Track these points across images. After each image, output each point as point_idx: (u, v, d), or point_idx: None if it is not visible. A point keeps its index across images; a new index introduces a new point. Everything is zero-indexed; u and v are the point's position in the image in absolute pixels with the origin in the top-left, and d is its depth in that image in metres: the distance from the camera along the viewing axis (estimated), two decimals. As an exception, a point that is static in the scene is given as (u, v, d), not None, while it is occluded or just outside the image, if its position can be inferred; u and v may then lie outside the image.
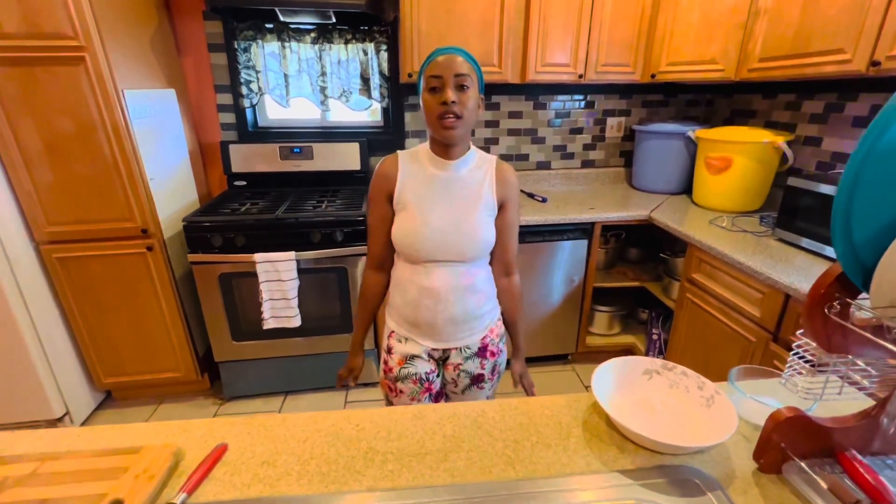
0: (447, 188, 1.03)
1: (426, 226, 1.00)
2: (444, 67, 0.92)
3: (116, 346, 1.99)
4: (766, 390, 0.78)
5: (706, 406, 0.72)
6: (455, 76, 0.92)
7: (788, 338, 1.36)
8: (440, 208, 1.01)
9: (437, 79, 0.93)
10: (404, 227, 1.02)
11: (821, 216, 1.49)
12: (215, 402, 2.17)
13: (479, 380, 1.16)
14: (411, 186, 1.03)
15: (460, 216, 1.02)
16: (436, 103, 0.93)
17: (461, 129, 0.95)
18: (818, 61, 1.55)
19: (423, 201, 1.02)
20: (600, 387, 0.76)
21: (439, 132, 0.96)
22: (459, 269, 1.04)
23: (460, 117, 0.94)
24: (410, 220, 1.01)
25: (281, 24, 2.17)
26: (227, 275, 1.92)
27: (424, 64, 0.97)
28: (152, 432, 0.74)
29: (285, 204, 2.05)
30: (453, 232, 1.01)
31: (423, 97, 0.96)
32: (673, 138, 2.31)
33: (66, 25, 1.51)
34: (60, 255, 1.80)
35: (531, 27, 2.01)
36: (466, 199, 1.03)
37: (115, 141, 1.68)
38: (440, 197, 1.02)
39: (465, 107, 0.94)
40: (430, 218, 1.01)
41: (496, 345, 1.17)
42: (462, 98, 0.93)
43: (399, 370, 1.11)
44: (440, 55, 0.94)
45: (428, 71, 0.94)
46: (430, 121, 0.96)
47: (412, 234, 1.00)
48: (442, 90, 0.93)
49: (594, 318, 2.41)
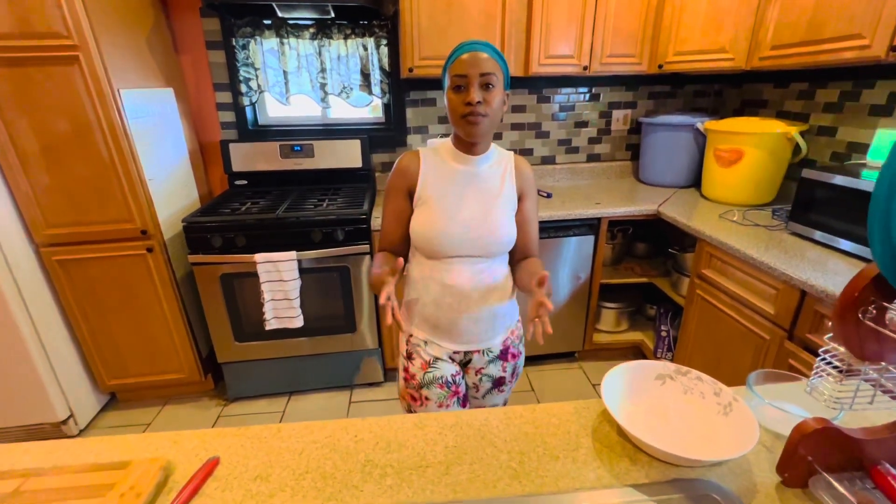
0: (470, 183, 1.02)
1: (450, 220, 0.99)
2: (468, 66, 0.90)
3: (119, 348, 1.98)
4: (786, 396, 0.74)
5: (724, 414, 0.68)
6: (480, 75, 0.90)
7: (804, 336, 1.31)
8: (464, 202, 1.00)
9: (461, 78, 0.91)
10: (426, 221, 1.00)
11: (838, 209, 1.43)
12: (219, 402, 2.15)
13: (500, 383, 1.14)
14: (433, 182, 1.01)
15: (484, 211, 1.00)
16: (460, 103, 0.92)
17: (485, 126, 0.94)
18: (835, 47, 1.48)
19: (446, 196, 1.00)
20: (610, 393, 0.72)
21: (463, 129, 0.94)
22: (481, 266, 1.02)
23: (485, 115, 0.92)
24: (433, 214, 0.99)
25: (279, 20, 2.13)
26: (229, 275, 1.90)
27: (449, 61, 0.95)
28: (143, 444, 0.71)
29: (286, 203, 2.02)
30: (477, 227, 0.99)
31: (448, 95, 0.95)
32: (681, 130, 2.25)
33: (60, 25, 1.48)
34: (60, 258, 1.78)
35: (534, 18, 1.96)
36: (489, 193, 1.02)
37: (111, 141, 1.65)
38: (463, 191, 1.01)
39: (490, 106, 0.92)
40: (454, 212, 0.99)
41: (517, 347, 1.15)
42: (487, 97, 0.91)
43: (423, 375, 1.07)
44: (465, 52, 0.92)
45: (452, 69, 0.92)
46: (454, 119, 0.95)
47: (435, 228, 0.98)
48: (466, 89, 0.91)
49: (601, 314, 2.36)
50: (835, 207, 1.44)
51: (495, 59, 0.92)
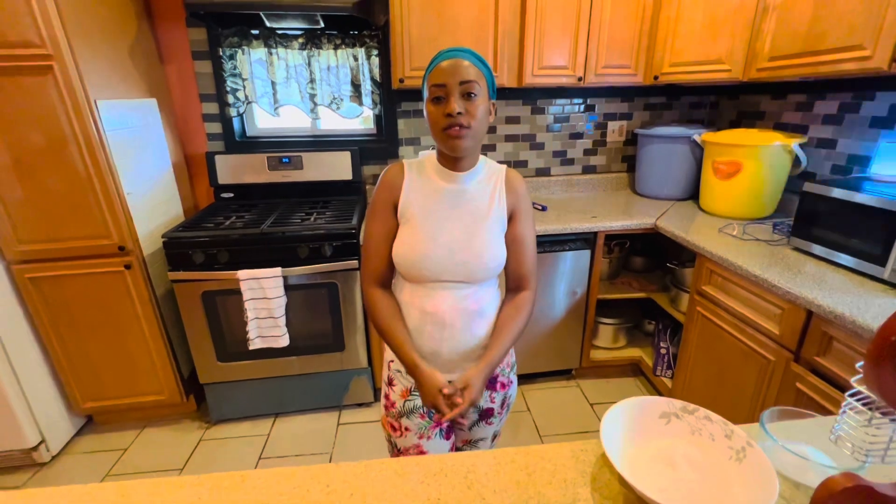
0: (455, 202, 0.94)
1: (432, 242, 0.91)
2: (447, 74, 0.83)
3: (96, 368, 1.89)
4: (803, 436, 0.68)
5: (737, 460, 0.62)
6: (461, 83, 0.83)
7: (812, 358, 1.25)
8: (447, 224, 0.93)
9: (440, 87, 0.84)
10: (408, 242, 0.93)
11: (843, 224, 1.38)
12: (201, 425, 2.06)
13: (488, 414, 1.06)
14: (417, 199, 0.94)
15: (469, 232, 0.93)
16: (440, 115, 0.85)
17: (469, 139, 0.86)
18: (835, 59, 1.44)
19: (428, 215, 0.93)
20: (611, 435, 0.65)
21: (445, 143, 0.87)
22: (467, 292, 0.95)
23: (468, 127, 0.85)
24: (414, 235, 0.92)
25: (267, 30, 2.08)
26: (211, 293, 1.82)
27: (428, 69, 0.88)
28: (88, 497, 0.63)
29: (272, 217, 1.95)
30: (462, 250, 0.92)
31: (427, 108, 0.88)
32: (677, 142, 2.21)
33: (33, 33, 1.42)
34: (33, 275, 1.70)
35: (527, 29, 1.92)
36: (476, 213, 0.94)
37: (87, 154, 1.58)
38: (448, 211, 0.94)
39: (473, 117, 0.85)
40: (437, 234, 0.92)
41: (507, 375, 1.06)
42: (469, 107, 0.84)
43: (403, 404, 1.00)
44: (444, 60, 0.85)
45: (431, 79, 0.85)
46: (435, 133, 0.88)
47: (416, 251, 0.91)
48: (446, 100, 0.84)
49: (598, 330, 2.30)
50: (839, 222, 1.39)
51: (477, 66, 0.85)
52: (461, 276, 0.93)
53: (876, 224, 1.27)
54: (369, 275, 0.98)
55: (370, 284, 0.99)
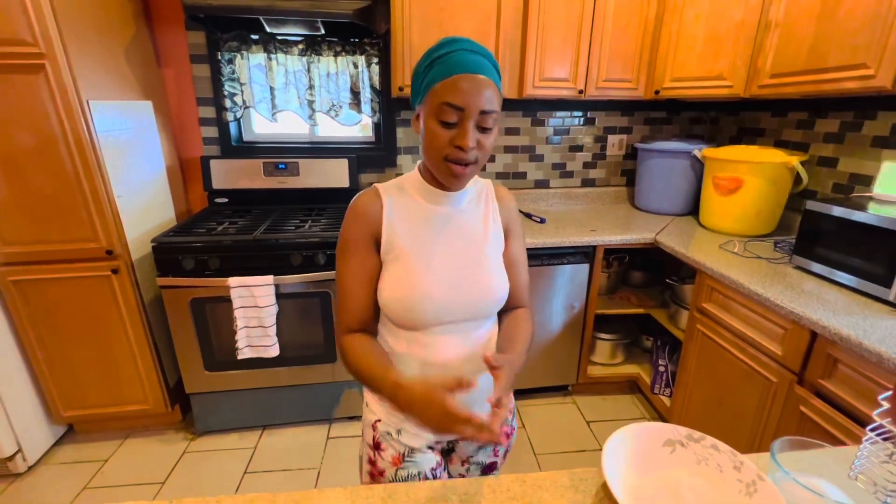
0: (449, 227, 0.81)
1: (431, 279, 0.77)
2: (468, 96, 0.68)
3: (78, 376, 1.83)
4: (815, 467, 0.64)
5: (747, 494, 0.58)
6: (481, 113, 0.69)
7: (816, 381, 1.21)
8: (445, 255, 0.79)
9: (455, 110, 0.69)
10: (402, 283, 0.77)
11: (845, 243, 1.35)
12: (186, 436, 1.99)
13: (490, 469, 0.95)
14: (403, 229, 0.79)
15: (472, 262, 0.80)
16: (447, 141, 0.71)
17: (472, 174, 0.76)
18: (837, 77, 1.44)
19: (421, 247, 0.79)
20: (612, 464, 0.61)
21: (444, 175, 0.74)
22: (475, 333, 0.82)
23: (476, 163, 0.73)
24: (408, 273, 0.77)
25: (267, 36, 2.06)
26: (200, 300, 1.77)
27: (436, 74, 0.70)
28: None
29: (266, 223, 1.91)
30: (467, 284, 0.79)
31: (428, 125, 0.72)
32: (677, 157, 2.20)
33: (25, 31, 1.39)
34: (16, 278, 1.65)
35: (529, 40, 1.91)
36: (474, 238, 0.82)
37: (77, 155, 1.55)
38: (442, 240, 0.80)
39: (484, 150, 0.73)
40: (435, 268, 0.78)
41: (510, 422, 0.94)
42: (483, 141, 0.72)
43: (396, 472, 0.83)
44: (464, 72, 0.68)
45: (444, 93, 0.69)
46: (433, 157, 0.73)
47: (414, 292, 0.76)
48: (459, 127, 0.70)
49: (596, 346, 2.26)
50: (842, 241, 1.37)
51: (497, 86, 0.72)
52: (467, 315, 0.80)
53: (880, 244, 1.25)
54: (347, 325, 0.80)
55: (347, 331, 0.81)
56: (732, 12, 1.78)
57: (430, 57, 0.72)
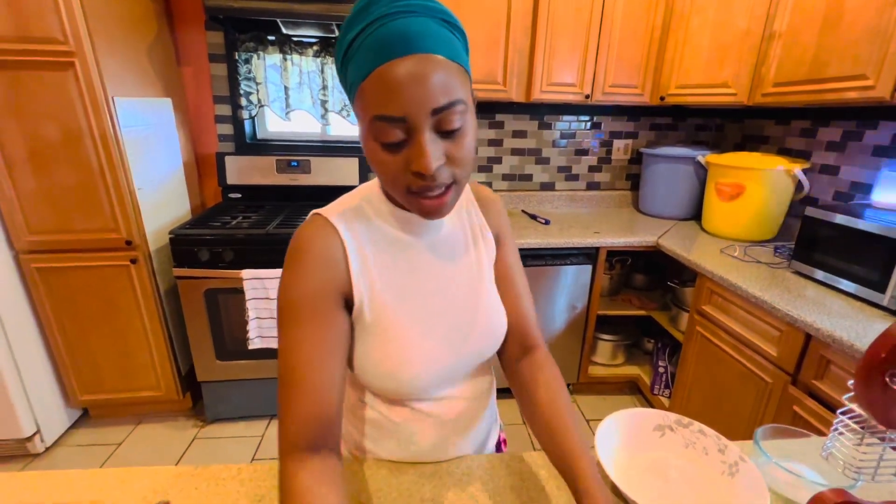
0: (437, 265, 0.62)
1: (428, 343, 0.59)
2: (406, 97, 0.44)
3: (95, 361, 1.90)
4: (797, 454, 0.68)
5: (729, 474, 0.62)
6: (435, 113, 0.45)
7: (809, 381, 1.25)
8: (438, 302, 0.61)
9: (393, 123, 0.45)
10: (391, 357, 0.58)
11: (843, 249, 1.39)
12: (196, 423, 2.06)
13: None
14: (380, 277, 0.58)
15: (470, 301, 0.63)
16: (399, 170, 0.48)
17: (456, 198, 0.53)
18: (838, 87, 1.47)
19: (407, 299, 0.59)
20: (605, 445, 0.66)
21: (414, 207, 0.52)
22: (479, 386, 0.68)
23: (456, 183, 0.51)
24: (399, 343, 0.58)
25: (283, 37, 2.13)
26: (213, 291, 1.83)
27: (355, 69, 0.46)
28: (85, 482, 0.64)
29: (278, 218, 1.97)
30: (468, 334, 0.62)
31: (371, 148, 0.49)
32: (682, 162, 2.24)
33: (57, 30, 1.47)
34: (40, 265, 1.72)
35: (537, 46, 1.96)
36: (465, 264, 0.64)
37: (101, 149, 1.61)
38: (433, 285, 0.61)
39: (461, 161, 0.49)
40: (431, 325, 0.60)
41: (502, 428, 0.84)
42: (455, 151, 0.48)
43: None
44: (389, 57, 0.43)
45: (371, 101, 0.45)
46: (395, 192, 0.52)
47: (409, 367, 0.58)
48: (409, 143, 0.47)
49: (597, 346, 2.30)
50: (839, 247, 1.40)
51: (453, 60, 0.46)
52: (470, 367, 0.65)
53: (876, 251, 1.29)
54: (296, 436, 0.50)
55: (297, 449, 0.49)
56: (737, 22, 1.82)
57: (346, 38, 0.47)
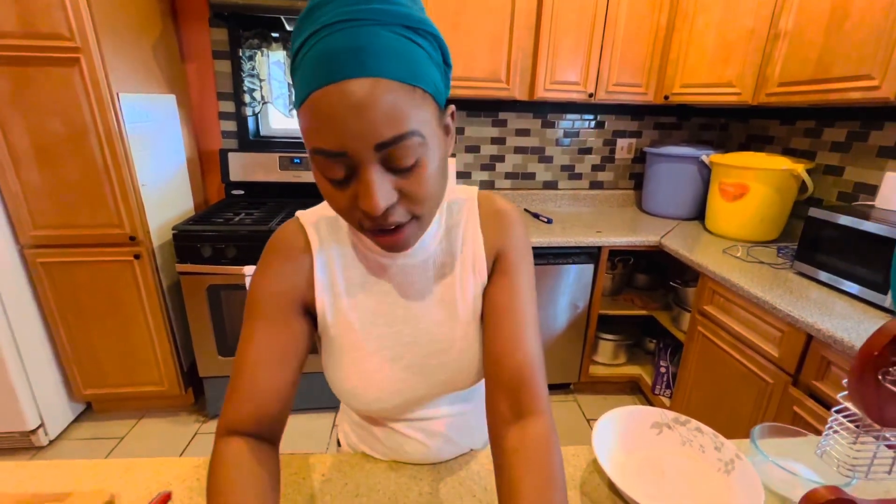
0: (407, 282, 0.58)
1: (388, 369, 0.57)
2: (345, 134, 0.38)
3: (98, 356, 1.91)
4: (793, 453, 0.68)
5: (725, 472, 0.62)
6: (379, 148, 0.39)
7: (810, 382, 1.25)
8: (408, 329, 0.58)
9: (333, 159, 0.40)
10: (354, 374, 0.57)
11: (846, 251, 1.39)
12: (198, 419, 2.07)
13: None
14: (346, 293, 0.57)
15: (442, 330, 0.58)
16: (347, 206, 0.44)
17: (416, 231, 0.47)
18: (843, 87, 1.46)
19: (374, 321, 0.57)
20: (602, 441, 0.66)
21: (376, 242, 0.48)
22: (465, 393, 0.65)
23: (417, 219, 0.46)
24: (361, 365, 0.57)
25: (287, 34, 2.14)
26: (216, 287, 1.85)
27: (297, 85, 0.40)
28: (91, 472, 0.65)
29: (281, 215, 1.98)
30: (436, 361, 0.59)
31: (316, 177, 0.45)
32: (685, 162, 2.23)
33: (63, 26, 1.48)
34: (45, 260, 1.74)
35: (541, 44, 1.96)
36: (443, 291, 0.58)
37: (106, 145, 1.63)
38: (401, 304, 0.58)
39: (420, 199, 0.44)
40: (397, 351, 0.58)
41: None
42: (408, 186, 0.42)
43: None
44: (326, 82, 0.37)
45: (310, 130, 0.40)
46: (349, 223, 0.49)
47: (374, 390, 0.58)
48: (355, 179, 0.42)
49: (598, 346, 2.30)
50: (842, 249, 1.40)
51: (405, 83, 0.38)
52: (448, 394, 0.63)
53: (879, 252, 1.28)
54: (231, 420, 0.51)
55: (232, 434, 0.51)
56: (743, 21, 1.81)
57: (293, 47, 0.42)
